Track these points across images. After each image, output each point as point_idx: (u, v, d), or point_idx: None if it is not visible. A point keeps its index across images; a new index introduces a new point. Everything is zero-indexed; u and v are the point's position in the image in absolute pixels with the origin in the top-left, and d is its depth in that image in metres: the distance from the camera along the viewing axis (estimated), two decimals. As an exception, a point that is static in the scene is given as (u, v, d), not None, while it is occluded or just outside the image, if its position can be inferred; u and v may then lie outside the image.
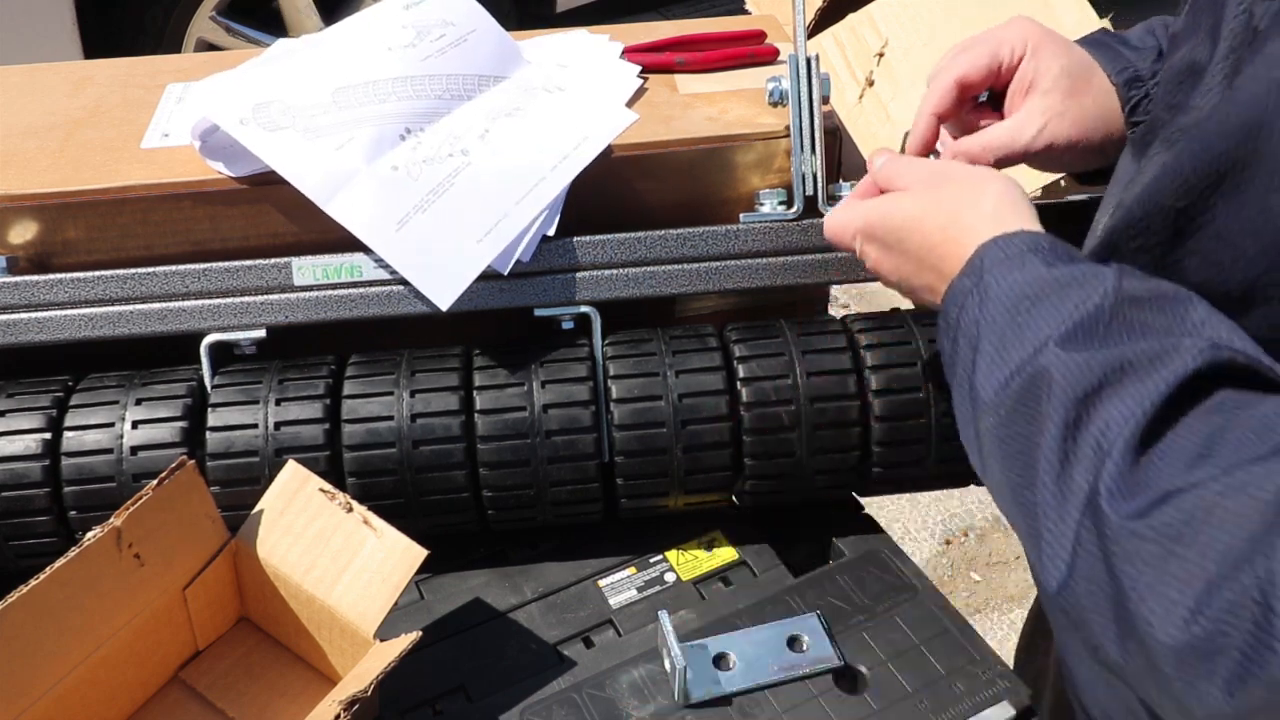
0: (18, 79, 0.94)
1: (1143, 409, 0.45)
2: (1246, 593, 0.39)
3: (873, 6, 1.13)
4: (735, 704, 0.71)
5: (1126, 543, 0.43)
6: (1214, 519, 0.41)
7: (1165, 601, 0.41)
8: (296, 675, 0.76)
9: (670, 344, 0.78)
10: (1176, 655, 0.41)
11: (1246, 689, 0.39)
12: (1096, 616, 0.45)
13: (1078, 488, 0.46)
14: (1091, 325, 0.49)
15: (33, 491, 0.74)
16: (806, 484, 0.79)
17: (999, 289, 0.54)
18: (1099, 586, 0.44)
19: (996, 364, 0.52)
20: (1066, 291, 0.51)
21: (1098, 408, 0.46)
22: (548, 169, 0.81)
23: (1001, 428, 0.51)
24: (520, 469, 0.76)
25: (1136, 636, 0.43)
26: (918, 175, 0.66)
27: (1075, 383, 0.47)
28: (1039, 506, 0.48)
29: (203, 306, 0.79)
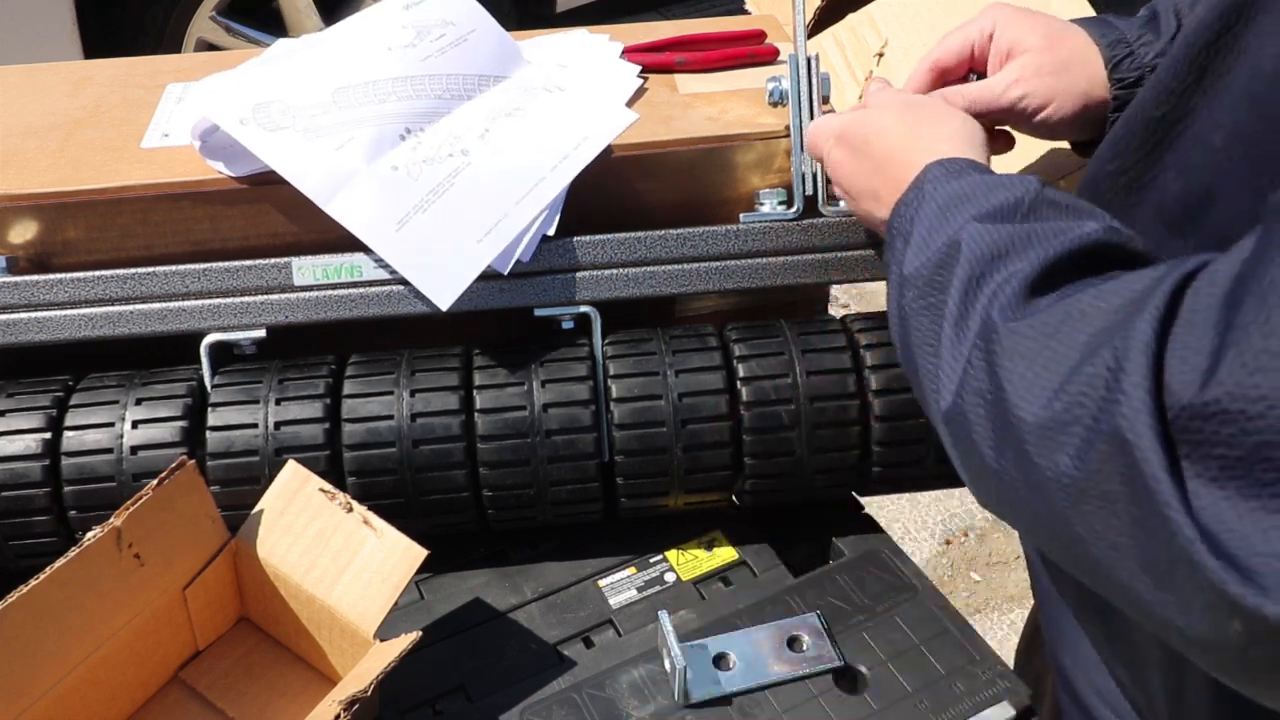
0: (18, 79, 0.94)
1: (1041, 261, 0.50)
2: (1103, 364, 0.42)
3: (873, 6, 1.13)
4: (735, 704, 0.71)
5: (1008, 340, 0.48)
6: (1086, 316, 0.45)
7: (1034, 386, 0.46)
8: (296, 675, 0.76)
9: (670, 343, 0.78)
10: (1038, 431, 0.45)
11: (1093, 450, 0.42)
12: (977, 421, 0.49)
13: (973, 324, 0.51)
14: (1010, 211, 0.54)
15: (33, 491, 0.74)
16: (806, 483, 0.79)
17: (935, 194, 0.59)
18: (981, 391, 0.49)
19: (921, 248, 0.57)
20: (993, 190, 0.56)
21: (999, 266, 0.51)
22: (548, 169, 0.81)
23: (919, 299, 0.56)
24: (520, 468, 0.76)
25: (1008, 429, 0.47)
26: (898, 98, 0.74)
27: (983, 247, 0.53)
28: (940, 350, 0.53)
29: (203, 306, 0.79)
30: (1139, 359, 0.40)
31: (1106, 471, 0.42)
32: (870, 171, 0.70)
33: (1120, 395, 0.41)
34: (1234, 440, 0.37)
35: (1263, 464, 0.37)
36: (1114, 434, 0.41)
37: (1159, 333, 0.41)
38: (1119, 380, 0.41)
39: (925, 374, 0.55)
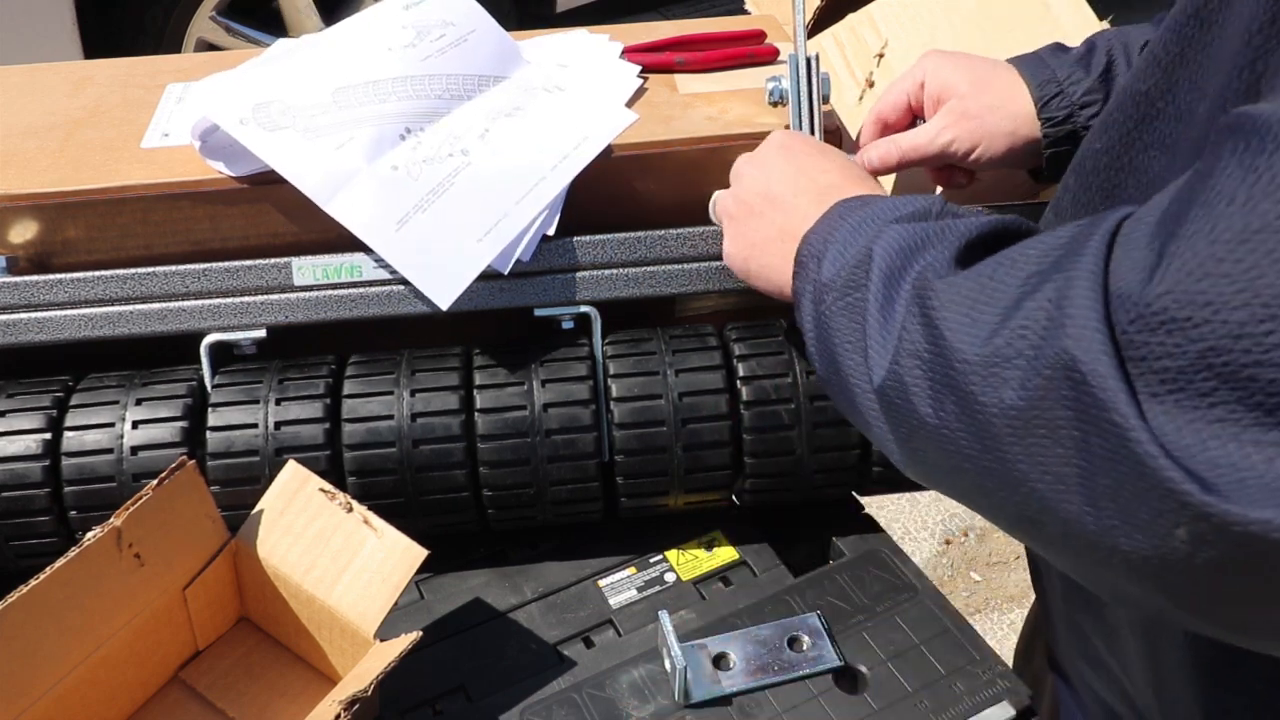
0: (18, 79, 0.94)
1: (963, 237, 0.51)
2: (1044, 297, 0.42)
3: (872, 6, 1.13)
4: (735, 704, 0.71)
5: (945, 292, 0.48)
6: (1024, 259, 0.46)
7: (974, 326, 0.46)
8: (296, 675, 0.76)
9: (670, 343, 0.78)
10: (981, 368, 0.45)
11: (1037, 378, 0.42)
12: (914, 383, 0.49)
13: (900, 302, 0.51)
14: (922, 214, 0.56)
15: (33, 492, 0.74)
16: (806, 483, 0.79)
17: (848, 216, 0.60)
18: (917, 351, 0.49)
19: (838, 257, 0.57)
20: (902, 204, 0.58)
21: (921, 253, 0.52)
22: (548, 169, 0.81)
23: (838, 300, 0.56)
24: (520, 468, 0.76)
25: (948, 376, 0.47)
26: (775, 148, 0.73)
27: (902, 241, 0.54)
28: (866, 338, 0.53)
29: (203, 306, 0.79)
30: (1084, 284, 0.41)
31: (1052, 398, 0.41)
32: (767, 220, 0.69)
33: (1066, 319, 0.41)
34: (1178, 349, 0.37)
35: (1204, 373, 0.37)
36: (1059, 358, 0.41)
37: (1103, 260, 0.41)
38: (1063, 308, 0.41)
39: (850, 369, 0.55)
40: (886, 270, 0.53)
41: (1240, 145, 0.38)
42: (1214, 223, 0.37)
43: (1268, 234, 0.35)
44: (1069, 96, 0.78)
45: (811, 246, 0.61)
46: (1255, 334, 0.35)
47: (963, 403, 0.46)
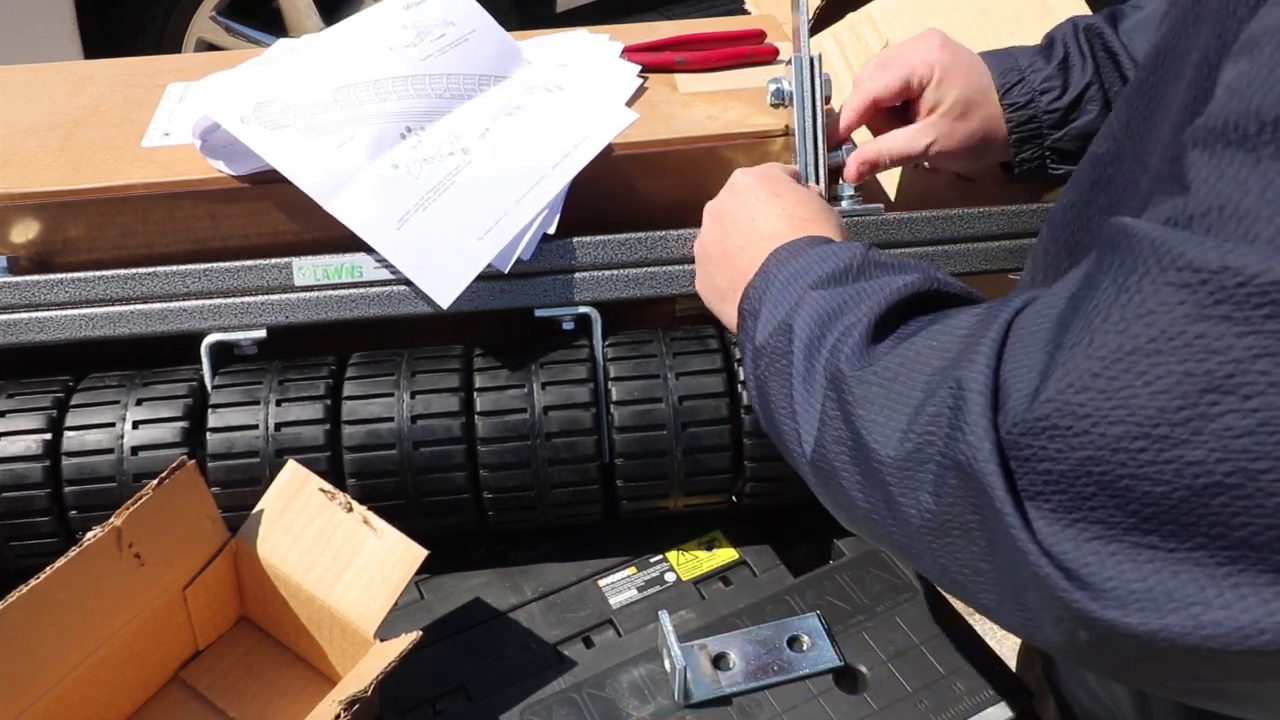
0: (18, 79, 0.94)
1: (875, 310, 0.53)
2: (943, 401, 0.44)
3: (873, 6, 1.13)
4: (735, 704, 0.71)
5: (857, 389, 0.50)
6: (924, 355, 0.47)
7: (887, 428, 0.48)
8: (296, 675, 0.76)
9: (671, 345, 0.78)
10: (898, 470, 0.47)
11: (945, 483, 0.44)
12: (842, 467, 0.51)
13: (819, 379, 0.53)
14: (841, 275, 0.58)
15: (33, 492, 0.74)
16: (807, 485, 0.79)
17: (778, 273, 0.61)
18: (841, 439, 0.51)
19: (768, 320, 0.59)
20: (825, 260, 0.59)
21: (835, 324, 0.54)
22: (548, 168, 0.81)
23: (769, 366, 0.58)
24: (521, 471, 0.76)
25: (872, 471, 0.49)
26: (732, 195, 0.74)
27: (819, 309, 0.56)
28: (795, 405, 0.55)
29: (203, 306, 0.79)
30: (976, 388, 0.42)
31: (961, 503, 0.43)
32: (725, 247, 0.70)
33: (963, 425, 0.42)
34: (1059, 455, 0.39)
35: (1083, 478, 0.38)
36: (960, 465, 0.43)
37: (994, 363, 0.43)
38: (960, 413, 0.43)
39: (787, 434, 0.57)
40: (806, 342, 0.55)
41: (1116, 261, 0.39)
42: (1092, 337, 0.38)
43: (1139, 356, 0.37)
44: (1030, 84, 0.80)
45: (749, 302, 0.63)
46: (1130, 449, 0.37)
47: (887, 499, 0.48)
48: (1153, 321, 0.37)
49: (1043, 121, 0.81)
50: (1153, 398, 0.36)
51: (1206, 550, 0.37)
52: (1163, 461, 0.36)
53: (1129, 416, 0.37)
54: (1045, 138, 0.81)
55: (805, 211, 0.69)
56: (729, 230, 0.70)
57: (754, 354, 0.60)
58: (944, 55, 0.81)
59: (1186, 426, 0.36)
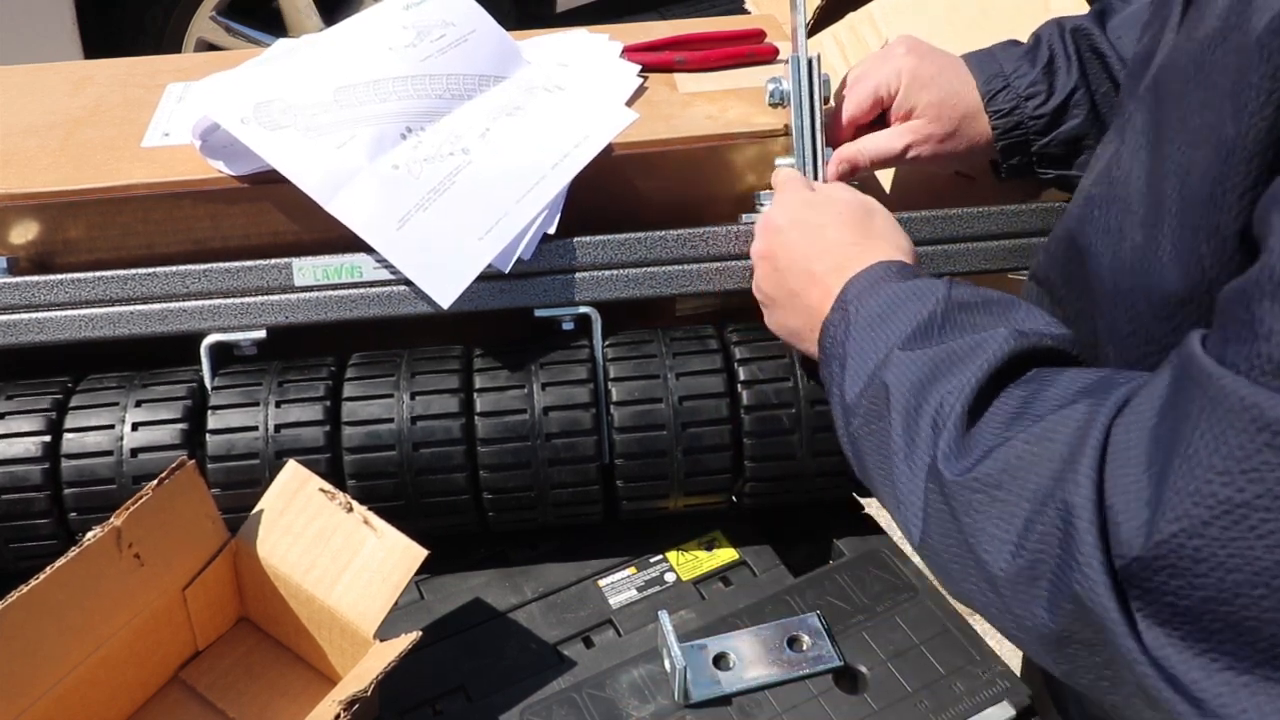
0: (18, 79, 0.94)
1: (968, 388, 0.52)
2: (1052, 522, 0.45)
3: (872, 5, 1.12)
4: (735, 704, 0.71)
5: (960, 495, 0.50)
6: (1024, 464, 0.48)
7: (995, 540, 0.48)
8: (296, 675, 0.76)
9: (671, 346, 0.78)
10: (1010, 584, 0.47)
11: (1060, 604, 0.45)
12: (953, 562, 0.52)
13: (921, 461, 0.53)
14: (927, 329, 0.57)
15: (33, 494, 0.74)
16: (807, 485, 0.79)
17: (858, 315, 0.62)
18: (949, 536, 0.51)
19: (856, 374, 0.60)
20: (907, 305, 0.59)
21: (931, 394, 0.54)
22: (548, 167, 0.81)
23: (864, 426, 0.59)
24: (521, 471, 0.76)
25: (983, 574, 0.49)
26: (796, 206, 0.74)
27: (912, 377, 0.55)
28: (896, 480, 0.55)
29: (203, 307, 0.79)
30: (1085, 515, 0.43)
31: (1078, 624, 0.45)
32: (788, 289, 0.71)
33: (1076, 556, 0.43)
34: (1181, 592, 0.40)
35: (1209, 615, 0.40)
36: (1076, 595, 0.44)
37: (1097, 482, 0.43)
38: (1070, 540, 0.44)
39: (885, 495, 0.58)
40: (903, 413, 0.55)
41: (1206, 407, 0.40)
42: (1198, 486, 0.39)
43: (1248, 510, 0.38)
44: (1015, 90, 0.80)
45: (832, 344, 0.63)
46: (1251, 595, 0.39)
47: (1002, 606, 0.49)
48: (1258, 479, 0.38)
49: (1029, 128, 0.80)
50: (1268, 551, 0.38)
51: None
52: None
53: (1246, 566, 0.38)
54: (1032, 144, 0.81)
55: (853, 234, 0.69)
56: (785, 274, 0.71)
57: (845, 409, 0.61)
58: (910, 60, 0.81)
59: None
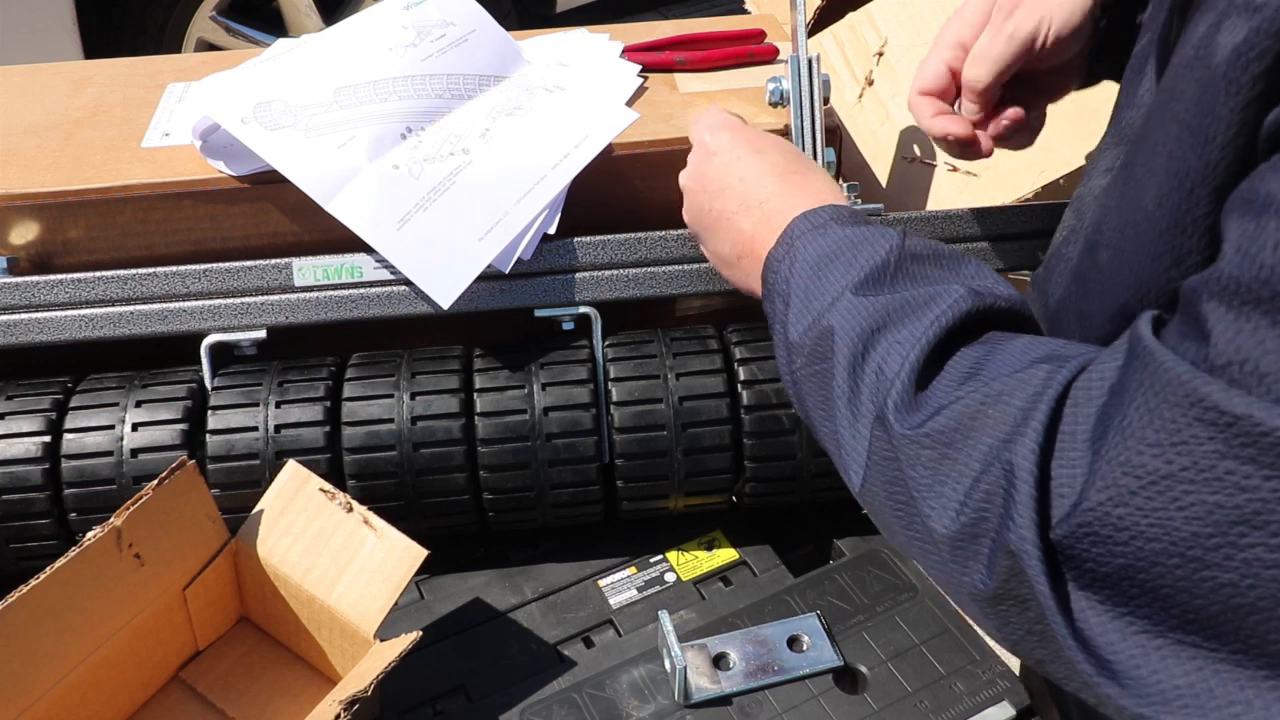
0: (18, 79, 0.94)
1: (922, 342, 0.52)
2: (996, 482, 0.45)
3: (872, 5, 1.12)
4: (735, 704, 0.71)
5: (909, 449, 0.50)
6: (976, 424, 0.48)
7: (941, 498, 0.48)
8: (296, 675, 0.76)
9: (671, 346, 0.78)
10: (951, 543, 0.48)
11: (998, 563, 0.45)
12: (892, 513, 0.52)
13: (866, 409, 0.53)
14: (879, 275, 0.56)
15: (33, 495, 0.74)
16: (807, 486, 0.79)
17: (805, 252, 0.60)
18: (892, 486, 0.51)
19: (802, 313, 0.59)
20: (858, 249, 0.58)
21: (879, 342, 0.54)
22: (548, 168, 0.81)
23: (807, 366, 0.58)
24: (521, 472, 0.76)
25: (924, 530, 0.50)
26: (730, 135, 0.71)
27: (861, 323, 0.55)
28: (838, 425, 0.55)
29: (203, 307, 0.79)
30: (1025, 477, 0.44)
31: (1013, 582, 0.45)
32: (717, 211, 0.69)
33: (1014, 515, 0.44)
34: (1102, 559, 0.42)
35: (1126, 581, 0.41)
36: (1012, 553, 0.44)
37: (1042, 447, 0.44)
38: (1011, 500, 0.44)
39: (825, 436, 0.58)
40: (849, 357, 0.55)
41: (1145, 384, 0.41)
42: (1129, 456, 0.41)
43: (1173, 482, 0.39)
44: None
45: (775, 279, 0.62)
46: (1167, 564, 0.40)
47: (940, 562, 0.50)
48: (1185, 452, 0.39)
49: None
50: (1187, 523, 0.39)
51: (1246, 655, 0.39)
52: (1198, 579, 0.39)
53: (1165, 536, 0.40)
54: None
55: (792, 164, 0.68)
56: (717, 196, 0.69)
57: (788, 347, 0.60)
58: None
59: (1218, 553, 0.38)
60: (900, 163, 1.01)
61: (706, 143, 0.72)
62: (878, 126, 1.05)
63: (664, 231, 0.81)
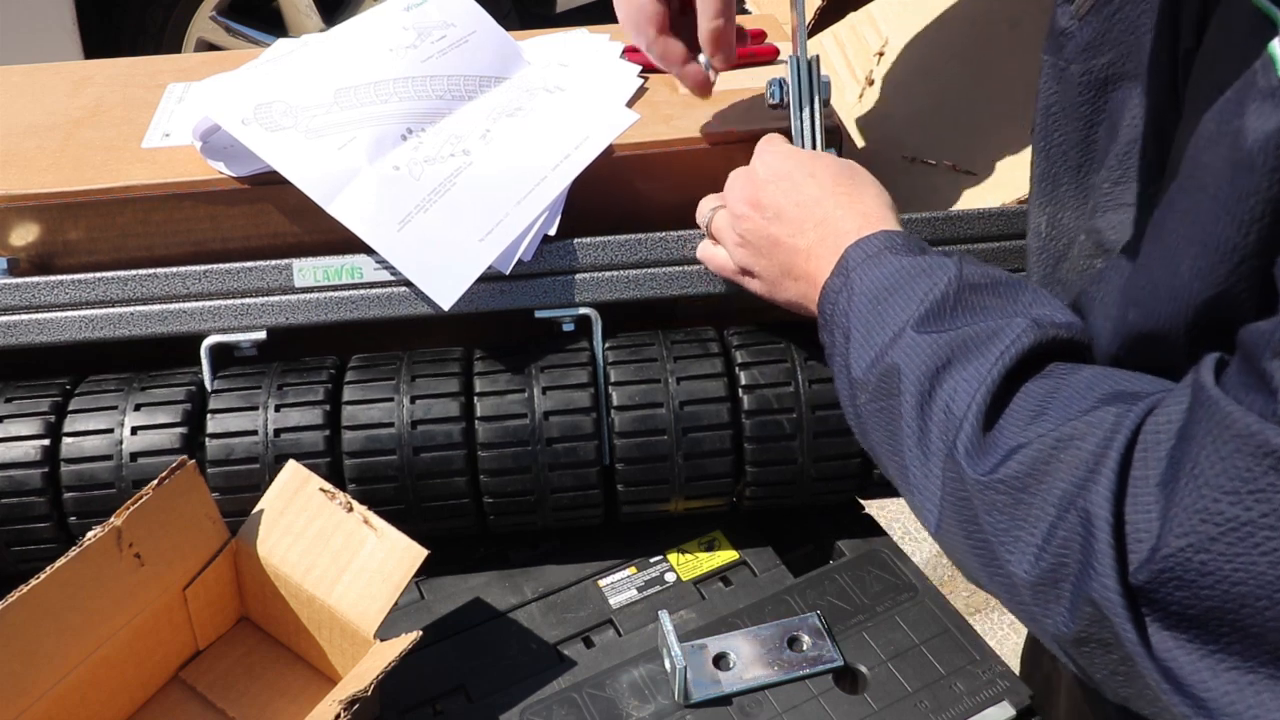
0: (18, 79, 0.94)
1: (988, 381, 0.52)
2: (1074, 529, 0.46)
3: (873, 5, 1.12)
4: (735, 704, 0.71)
5: (983, 495, 0.51)
6: (1049, 469, 0.48)
7: (1018, 542, 0.49)
8: (296, 675, 0.76)
9: (672, 349, 0.78)
10: (1032, 588, 0.49)
11: (1080, 609, 0.46)
12: (970, 554, 0.53)
13: (936, 449, 0.54)
14: (939, 310, 0.57)
15: (33, 499, 0.74)
16: (807, 490, 0.79)
17: (861, 285, 0.61)
18: (967, 527, 0.52)
19: (864, 348, 0.60)
20: (916, 281, 0.59)
21: (945, 381, 0.54)
22: (549, 169, 0.81)
23: (872, 402, 0.59)
24: (521, 476, 0.76)
25: (1004, 573, 0.50)
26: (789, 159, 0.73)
27: (926, 361, 0.56)
28: (908, 463, 0.56)
29: (203, 308, 0.79)
30: (1102, 525, 0.45)
31: (1096, 627, 0.46)
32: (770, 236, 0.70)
33: (1094, 564, 0.45)
34: (1188, 603, 0.42)
35: (1215, 621, 0.42)
36: (1094, 601, 0.45)
37: (1116, 492, 0.45)
38: (1090, 550, 0.45)
39: (894, 472, 0.59)
40: (916, 397, 0.55)
41: (1214, 433, 0.42)
42: (1206, 504, 0.41)
43: (1253, 529, 0.40)
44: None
45: (834, 311, 0.63)
46: (1255, 606, 0.41)
47: (1023, 603, 0.50)
48: (1263, 499, 0.40)
49: None
50: (1272, 566, 0.40)
51: None
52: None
53: (1250, 580, 0.40)
54: None
55: (843, 180, 0.69)
56: (773, 221, 0.70)
57: (851, 383, 0.61)
58: None
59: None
60: (900, 163, 1.01)
61: (755, 170, 0.73)
62: (878, 126, 1.05)
63: (664, 233, 0.81)
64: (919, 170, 0.94)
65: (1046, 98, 0.64)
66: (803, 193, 0.69)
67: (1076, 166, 0.64)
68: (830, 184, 0.70)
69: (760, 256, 0.72)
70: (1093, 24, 0.60)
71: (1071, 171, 0.64)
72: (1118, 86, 0.60)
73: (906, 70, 1.06)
